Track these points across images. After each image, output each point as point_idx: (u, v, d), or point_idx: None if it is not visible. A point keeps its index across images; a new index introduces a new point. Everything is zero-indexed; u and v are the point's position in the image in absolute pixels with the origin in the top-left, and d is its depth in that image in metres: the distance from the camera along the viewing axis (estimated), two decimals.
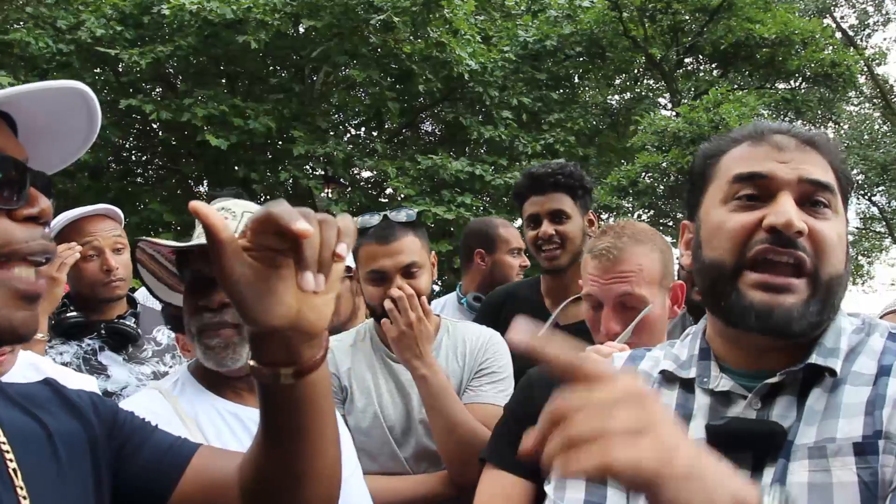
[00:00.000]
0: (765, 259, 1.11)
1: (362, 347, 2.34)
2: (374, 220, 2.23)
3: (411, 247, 2.20)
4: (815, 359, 1.11)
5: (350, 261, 3.17)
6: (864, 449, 1.03)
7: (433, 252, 2.34)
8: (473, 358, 2.27)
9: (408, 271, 2.18)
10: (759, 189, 1.14)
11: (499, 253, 3.53)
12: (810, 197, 1.13)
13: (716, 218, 1.18)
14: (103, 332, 2.55)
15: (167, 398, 1.57)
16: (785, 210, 1.10)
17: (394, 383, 2.27)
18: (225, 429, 1.56)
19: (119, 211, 2.67)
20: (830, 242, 1.11)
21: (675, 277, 2.00)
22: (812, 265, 1.10)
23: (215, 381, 1.63)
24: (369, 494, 1.77)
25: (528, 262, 3.61)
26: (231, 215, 1.58)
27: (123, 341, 2.57)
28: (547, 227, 2.64)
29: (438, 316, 2.42)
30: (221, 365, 1.56)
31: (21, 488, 0.88)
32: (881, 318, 2.81)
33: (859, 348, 1.14)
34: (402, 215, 2.24)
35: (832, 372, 1.10)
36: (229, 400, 1.62)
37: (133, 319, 2.61)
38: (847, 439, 1.04)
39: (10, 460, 0.89)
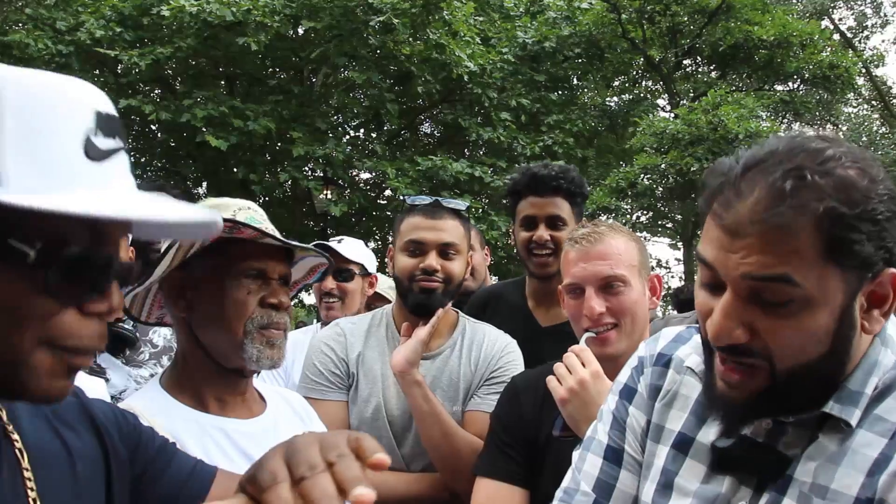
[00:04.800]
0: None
1: (376, 333, 2.32)
2: (425, 199, 2.31)
3: (454, 229, 2.25)
4: (830, 406, 1.00)
5: (366, 262, 3.20)
6: None
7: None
8: (486, 364, 2.25)
9: (445, 250, 2.21)
10: (713, 279, 1.02)
11: None
12: (760, 295, 0.96)
13: (697, 288, 1.08)
14: None
15: (143, 418, 1.43)
16: (715, 320, 0.99)
17: None
18: (212, 446, 1.48)
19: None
20: (785, 341, 0.96)
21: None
22: (767, 362, 0.98)
23: (196, 394, 1.55)
24: None
25: None
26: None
27: (121, 345, 2.55)
28: (543, 232, 2.58)
29: (457, 312, 2.39)
30: (274, 364, 1.54)
31: None
32: None
33: (895, 385, 1.01)
34: (453, 202, 2.32)
35: (847, 424, 1.00)
36: (213, 413, 1.54)
37: (131, 322, 2.60)
38: (838, 494, 0.98)
39: (31, 489, 0.88)
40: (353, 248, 3.23)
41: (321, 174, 14.16)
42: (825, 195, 0.91)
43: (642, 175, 13.93)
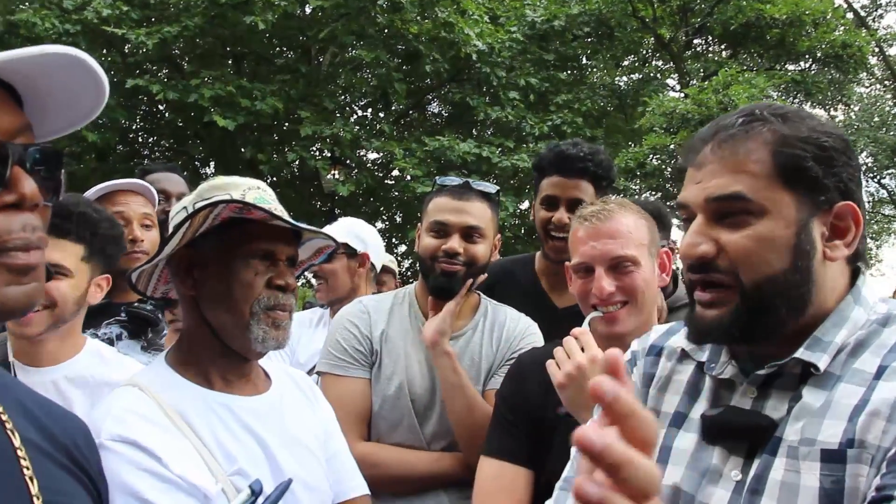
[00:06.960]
0: (701, 280, 1.15)
1: (399, 311, 2.33)
2: (455, 180, 2.30)
3: (480, 213, 2.23)
4: (801, 353, 1.09)
5: (353, 241, 3.17)
6: (832, 456, 1.02)
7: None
8: (508, 344, 2.26)
9: (469, 233, 2.21)
10: (689, 214, 1.17)
11: None
12: (720, 212, 1.11)
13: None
14: (123, 315, 2.49)
15: (148, 394, 1.45)
16: (686, 239, 1.14)
17: (424, 354, 2.23)
18: (216, 422, 1.47)
19: (153, 190, 2.66)
20: (745, 250, 1.09)
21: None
22: (733, 277, 1.10)
23: (201, 371, 1.54)
24: (358, 467, 1.76)
25: None
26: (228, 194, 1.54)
27: (144, 326, 2.52)
28: (562, 215, 2.47)
29: (479, 294, 2.39)
30: (279, 345, 1.54)
31: (37, 497, 0.86)
32: None
33: (869, 341, 1.09)
34: (483, 185, 2.30)
35: (816, 368, 1.08)
36: (218, 390, 1.53)
37: (152, 303, 2.56)
38: (824, 443, 1.03)
39: (27, 468, 0.87)
40: (336, 229, 3.19)
41: (329, 154, 14.15)
42: (773, 124, 1.10)
43: (651, 155, 13.88)
